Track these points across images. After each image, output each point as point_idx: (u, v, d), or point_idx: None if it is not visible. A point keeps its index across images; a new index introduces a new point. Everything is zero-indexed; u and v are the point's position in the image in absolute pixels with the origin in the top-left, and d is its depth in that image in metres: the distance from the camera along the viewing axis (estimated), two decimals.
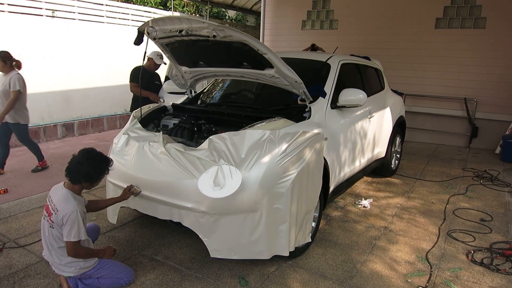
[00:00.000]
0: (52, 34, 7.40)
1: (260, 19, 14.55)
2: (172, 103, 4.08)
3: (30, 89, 7.10)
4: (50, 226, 2.51)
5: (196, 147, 3.00)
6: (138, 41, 3.31)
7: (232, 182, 2.66)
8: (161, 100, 5.42)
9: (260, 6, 12.68)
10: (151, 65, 5.56)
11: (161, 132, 3.26)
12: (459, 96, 7.26)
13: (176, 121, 3.84)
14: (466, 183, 5.33)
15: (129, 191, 2.96)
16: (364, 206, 4.39)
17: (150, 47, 3.44)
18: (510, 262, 3.27)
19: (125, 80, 8.76)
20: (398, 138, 5.59)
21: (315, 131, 3.17)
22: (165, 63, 5.81)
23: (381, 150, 4.96)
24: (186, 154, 2.85)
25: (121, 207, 3.24)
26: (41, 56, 7.24)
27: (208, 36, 2.94)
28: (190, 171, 2.76)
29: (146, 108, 3.84)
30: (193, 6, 11.24)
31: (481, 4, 6.93)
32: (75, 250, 2.49)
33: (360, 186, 5.09)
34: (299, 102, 3.57)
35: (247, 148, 2.78)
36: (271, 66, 3.19)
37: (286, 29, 9.10)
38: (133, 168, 3.04)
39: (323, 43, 8.19)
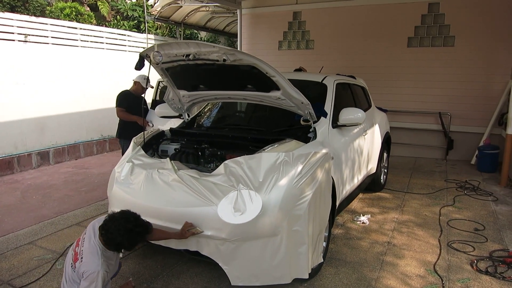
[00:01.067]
0: (24, 59, 7.10)
1: (231, 40, 14.75)
2: (170, 128, 4.00)
3: (2, 118, 6.75)
4: (71, 267, 2.34)
5: (209, 172, 2.94)
6: (139, 66, 3.24)
7: (252, 207, 2.62)
8: (150, 124, 5.30)
9: (232, 28, 12.90)
10: (138, 89, 5.44)
11: (168, 158, 3.17)
12: (434, 111, 7.61)
13: (176, 146, 3.77)
14: (452, 194, 5.54)
15: (189, 231, 2.67)
16: (363, 222, 4.45)
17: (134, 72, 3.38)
18: None
19: (101, 104, 8.54)
20: (385, 154, 5.75)
21: (324, 151, 3.21)
22: (152, 87, 5.71)
23: (373, 166, 5.08)
24: (202, 180, 2.79)
25: None
26: (13, 82, 6.92)
27: (218, 60, 2.93)
28: (208, 197, 2.69)
29: (144, 134, 3.74)
30: (166, 28, 11.19)
31: (449, 24, 7.38)
32: None
33: (354, 202, 5.15)
34: (301, 122, 3.60)
35: (264, 171, 2.76)
36: (277, 88, 3.22)
37: (263, 49, 9.25)
38: (142, 197, 2.92)
39: (300, 63, 8.33)
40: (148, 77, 5.47)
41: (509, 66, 7.00)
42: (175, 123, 4.45)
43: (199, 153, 3.49)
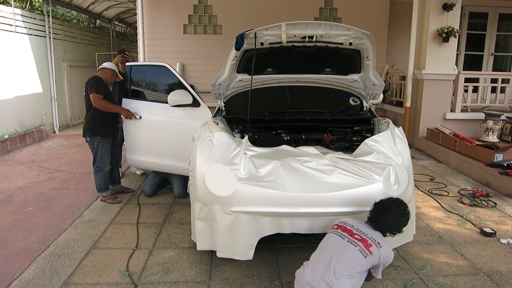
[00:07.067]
0: None
1: (92, 20, 12.98)
2: (224, 116, 3.72)
3: None
4: (362, 254, 2.21)
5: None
6: (241, 45, 3.00)
7: (403, 178, 2.93)
8: (137, 116, 4.53)
9: (95, 7, 11.44)
10: (108, 77, 4.51)
11: (285, 145, 3.07)
12: None
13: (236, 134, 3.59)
14: None
15: None
16: None
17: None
18: (484, 200, 4.69)
19: None
20: None
21: None
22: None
23: None
24: (356, 161, 2.87)
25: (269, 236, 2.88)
26: None
27: (342, 44, 3.01)
28: (370, 176, 2.82)
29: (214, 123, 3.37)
30: (27, 1, 8.93)
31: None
32: None
33: None
34: (351, 102, 3.98)
35: (396, 145, 3.09)
36: (358, 71, 3.50)
37: (166, 33, 8.70)
38: (293, 188, 2.75)
39: (208, 48, 8.50)
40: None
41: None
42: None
43: (286, 138, 3.45)
